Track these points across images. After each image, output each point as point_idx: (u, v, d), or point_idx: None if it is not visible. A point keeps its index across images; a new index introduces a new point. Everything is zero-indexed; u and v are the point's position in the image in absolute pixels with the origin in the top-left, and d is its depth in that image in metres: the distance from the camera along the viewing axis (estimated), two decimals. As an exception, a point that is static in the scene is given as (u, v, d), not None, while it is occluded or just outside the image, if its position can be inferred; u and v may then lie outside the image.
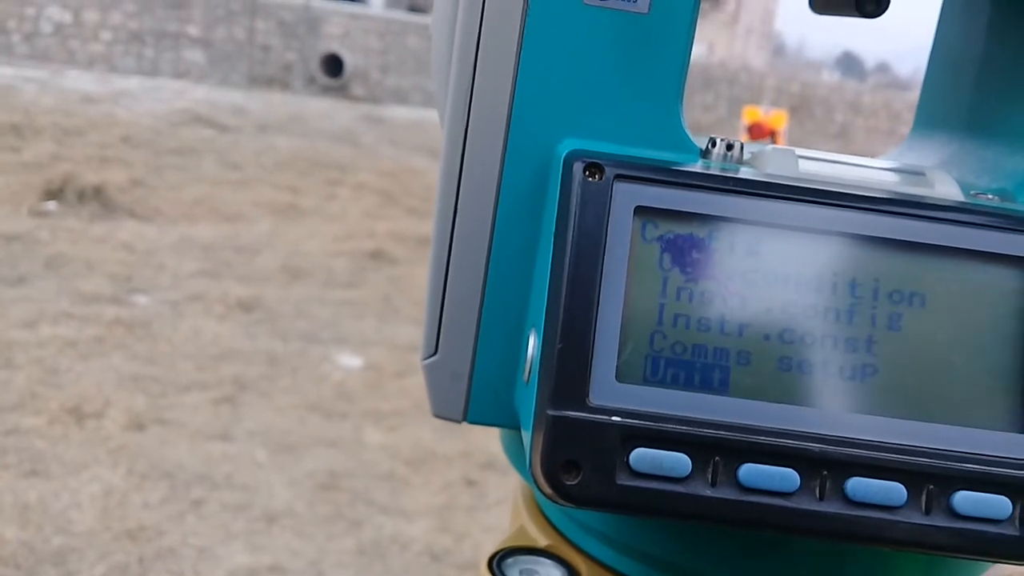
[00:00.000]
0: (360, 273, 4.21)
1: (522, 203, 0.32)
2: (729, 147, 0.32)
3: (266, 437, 2.59)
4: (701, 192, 0.28)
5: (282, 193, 5.52)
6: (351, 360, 3.21)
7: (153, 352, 3.06)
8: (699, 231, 0.28)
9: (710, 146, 0.33)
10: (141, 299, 3.55)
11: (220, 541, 2.10)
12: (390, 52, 12.51)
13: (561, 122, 0.31)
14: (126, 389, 2.76)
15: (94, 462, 2.35)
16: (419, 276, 4.26)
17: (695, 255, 0.28)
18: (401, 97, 12.18)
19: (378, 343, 3.39)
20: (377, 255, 4.48)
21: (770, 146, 0.32)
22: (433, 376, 0.33)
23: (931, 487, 0.27)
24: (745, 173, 0.30)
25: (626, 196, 0.28)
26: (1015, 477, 0.27)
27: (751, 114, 10.60)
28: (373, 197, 5.75)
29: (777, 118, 10.59)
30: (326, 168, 6.31)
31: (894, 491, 0.27)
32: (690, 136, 0.32)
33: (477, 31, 0.31)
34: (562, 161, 0.29)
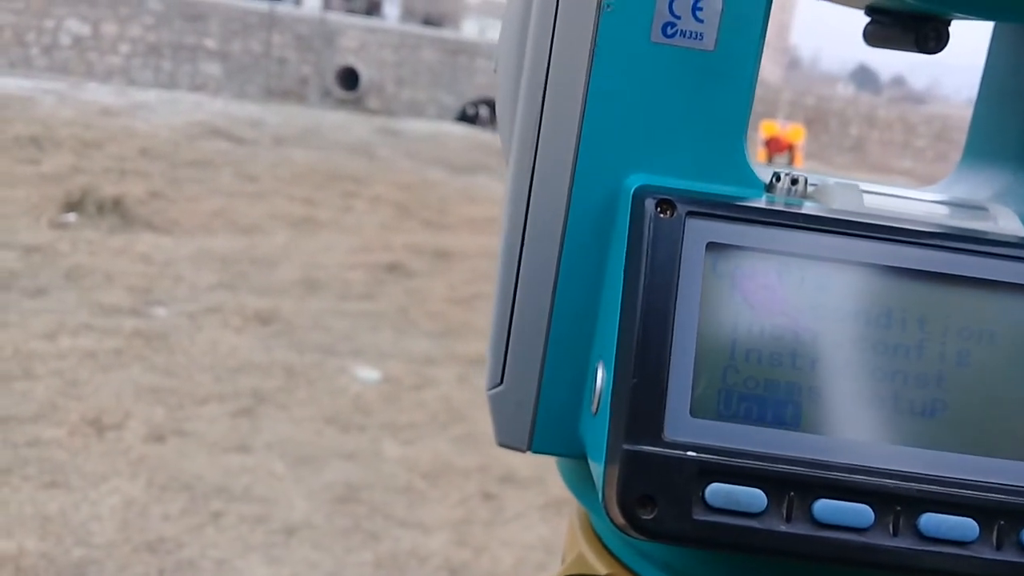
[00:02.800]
0: (377, 285, 4.23)
1: (588, 236, 0.32)
2: (794, 181, 0.33)
3: (284, 449, 2.60)
4: (771, 228, 0.28)
5: (298, 205, 5.55)
6: (368, 373, 3.21)
7: (172, 364, 3.07)
8: (770, 267, 0.28)
9: (774, 180, 0.33)
10: (160, 311, 3.57)
11: (239, 554, 2.10)
12: (405, 65, 12.58)
13: (628, 157, 0.32)
14: (145, 401, 2.78)
15: (114, 474, 2.36)
16: (436, 289, 4.27)
17: (766, 291, 0.28)
18: (416, 110, 12.24)
19: (395, 356, 3.40)
20: (394, 268, 4.50)
21: (833, 180, 0.32)
22: (498, 406, 0.34)
23: (1002, 523, 0.27)
24: (811, 208, 0.30)
25: (698, 232, 0.28)
26: None
27: (768, 128, 10.61)
28: (389, 210, 5.77)
29: (795, 132, 10.60)
30: (342, 180, 6.34)
31: (966, 527, 0.27)
32: (754, 170, 0.32)
33: (545, 68, 0.32)
34: (631, 196, 0.29)
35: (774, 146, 10.30)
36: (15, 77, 9.22)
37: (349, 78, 12.17)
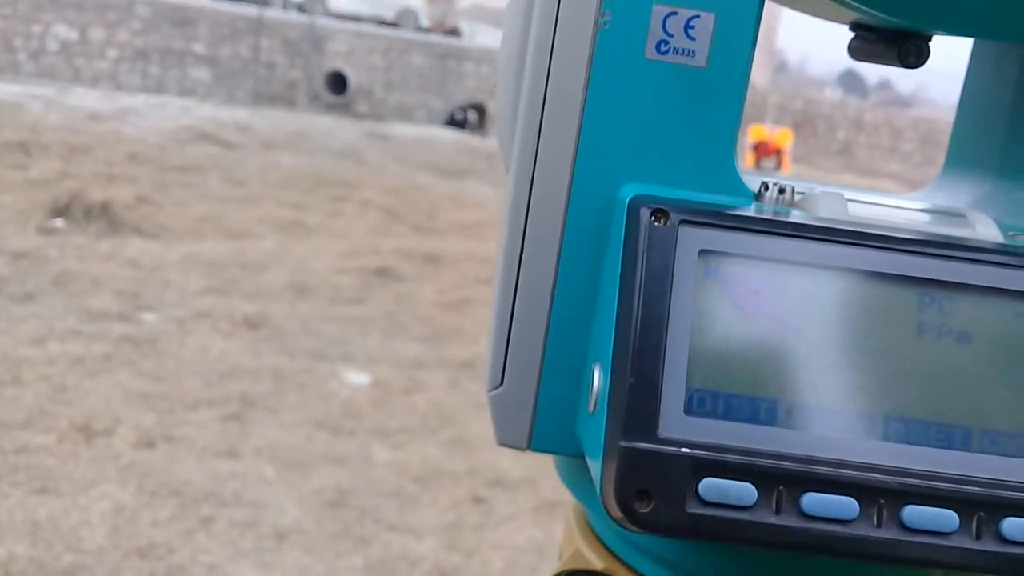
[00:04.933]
0: (366, 290, 4.23)
1: (585, 244, 0.33)
2: (781, 191, 0.34)
3: (274, 454, 2.60)
4: (760, 236, 0.30)
5: (287, 210, 5.55)
6: (358, 377, 3.22)
7: (161, 369, 3.07)
8: (759, 272, 0.30)
9: (763, 190, 0.35)
10: (148, 316, 3.57)
11: (229, 558, 2.11)
12: (394, 69, 12.58)
13: (623, 168, 0.33)
14: (134, 406, 2.77)
15: (103, 479, 2.36)
16: (425, 293, 4.27)
17: (755, 295, 0.30)
18: (405, 114, 12.25)
19: (384, 360, 3.40)
20: (383, 272, 4.50)
21: (819, 188, 0.34)
22: (499, 407, 0.35)
23: (981, 514, 0.29)
24: (798, 217, 0.32)
25: (691, 240, 0.30)
26: None
27: (757, 132, 10.67)
28: (378, 214, 5.77)
29: (783, 136, 10.67)
30: (331, 185, 6.34)
31: (947, 518, 0.28)
32: (744, 180, 0.34)
33: (544, 83, 0.33)
34: (627, 206, 0.31)
35: (762, 150, 10.36)
36: (2, 83, 9.19)
37: (338, 82, 12.16)
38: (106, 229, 4.63)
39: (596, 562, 0.37)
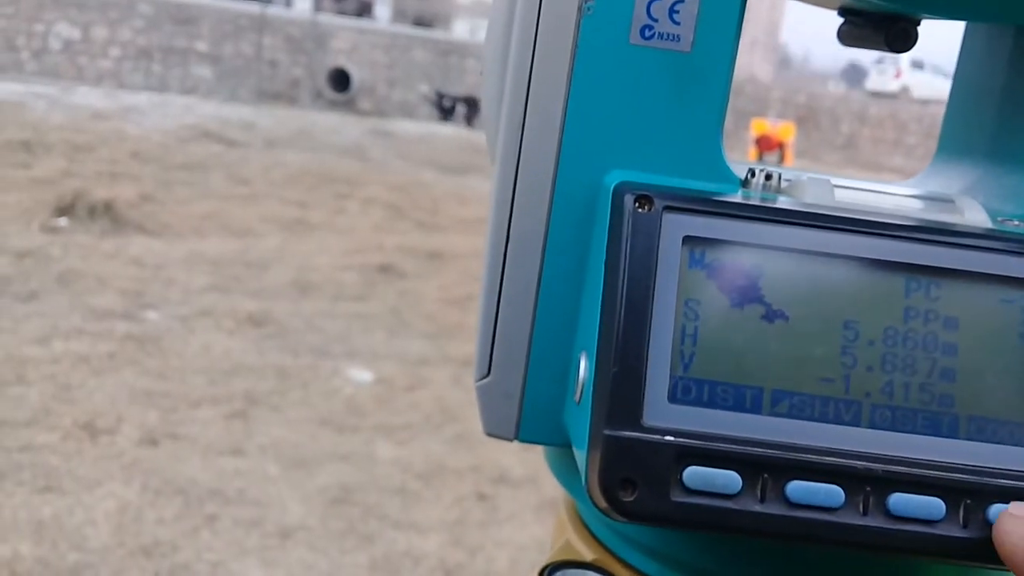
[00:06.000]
0: (370, 287, 4.23)
1: (571, 231, 0.33)
2: (768, 177, 0.34)
3: (278, 452, 2.60)
4: (745, 222, 0.30)
5: (291, 208, 5.55)
6: (362, 374, 3.22)
7: (164, 367, 3.07)
8: (743, 259, 0.30)
9: (749, 176, 0.34)
10: (152, 314, 3.57)
11: (234, 556, 2.11)
12: (396, 66, 12.58)
13: (608, 154, 0.33)
14: (138, 404, 2.78)
15: (108, 478, 2.36)
16: (428, 290, 4.27)
17: (740, 281, 0.29)
18: (408, 111, 12.24)
19: (388, 357, 3.40)
20: (386, 269, 4.50)
21: (806, 175, 0.34)
22: (486, 397, 0.35)
23: (968, 501, 0.28)
24: (784, 203, 0.31)
25: (675, 226, 0.29)
26: None
27: (759, 127, 10.65)
28: (382, 211, 5.77)
29: (785, 130, 10.65)
30: (334, 182, 6.34)
31: (933, 506, 0.28)
32: (730, 166, 0.33)
33: (528, 69, 0.33)
34: (612, 192, 0.31)
35: (765, 144, 10.34)
36: (5, 82, 9.20)
37: (341, 79, 12.17)
38: (110, 228, 4.63)
39: (586, 553, 0.37)
